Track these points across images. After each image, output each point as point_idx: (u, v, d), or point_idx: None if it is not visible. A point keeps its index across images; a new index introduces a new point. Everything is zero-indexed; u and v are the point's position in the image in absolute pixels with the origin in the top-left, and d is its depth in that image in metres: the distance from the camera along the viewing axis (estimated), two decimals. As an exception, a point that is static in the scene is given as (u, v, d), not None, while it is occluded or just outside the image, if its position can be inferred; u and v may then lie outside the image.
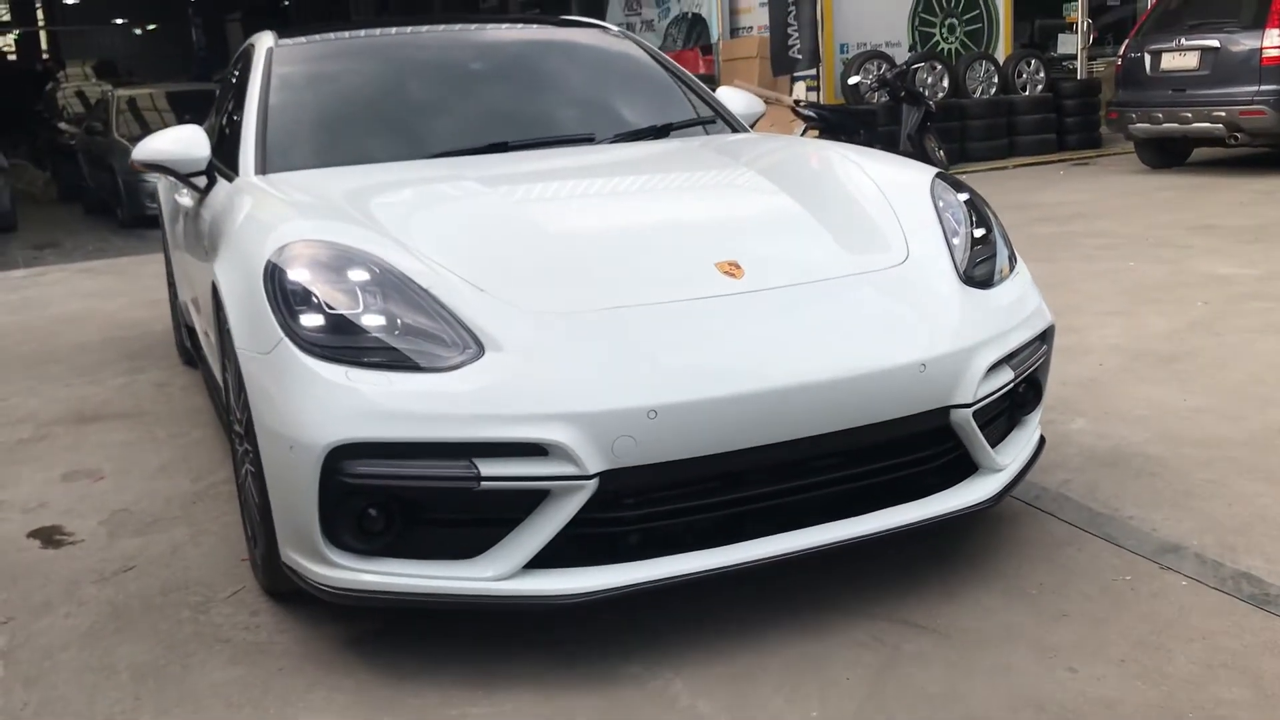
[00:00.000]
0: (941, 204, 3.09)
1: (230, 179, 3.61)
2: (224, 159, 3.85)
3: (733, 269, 2.69)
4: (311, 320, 2.55)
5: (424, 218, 3.02)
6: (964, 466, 2.81)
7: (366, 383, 2.43)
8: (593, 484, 2.38)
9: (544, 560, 2.46)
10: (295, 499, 2.50)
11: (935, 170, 3.32)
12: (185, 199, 4.33)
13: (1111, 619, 2.61)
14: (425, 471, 2.40)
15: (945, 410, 2.67)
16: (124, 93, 13.89)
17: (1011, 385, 2.82)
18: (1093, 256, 6.95)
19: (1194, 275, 6.17)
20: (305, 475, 2.44)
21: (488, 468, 2.37)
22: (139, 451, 4.31)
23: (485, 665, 2.57)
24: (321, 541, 2.49)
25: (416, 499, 2.46)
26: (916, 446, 2.72)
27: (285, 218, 2.96)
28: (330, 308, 2.56)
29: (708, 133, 4.08)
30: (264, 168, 3.55)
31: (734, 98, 4.33)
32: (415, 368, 2.45)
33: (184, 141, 3.70)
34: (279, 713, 2.46)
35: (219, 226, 3.31)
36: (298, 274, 2.62)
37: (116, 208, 12.40)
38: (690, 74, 4.49)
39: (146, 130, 13.11)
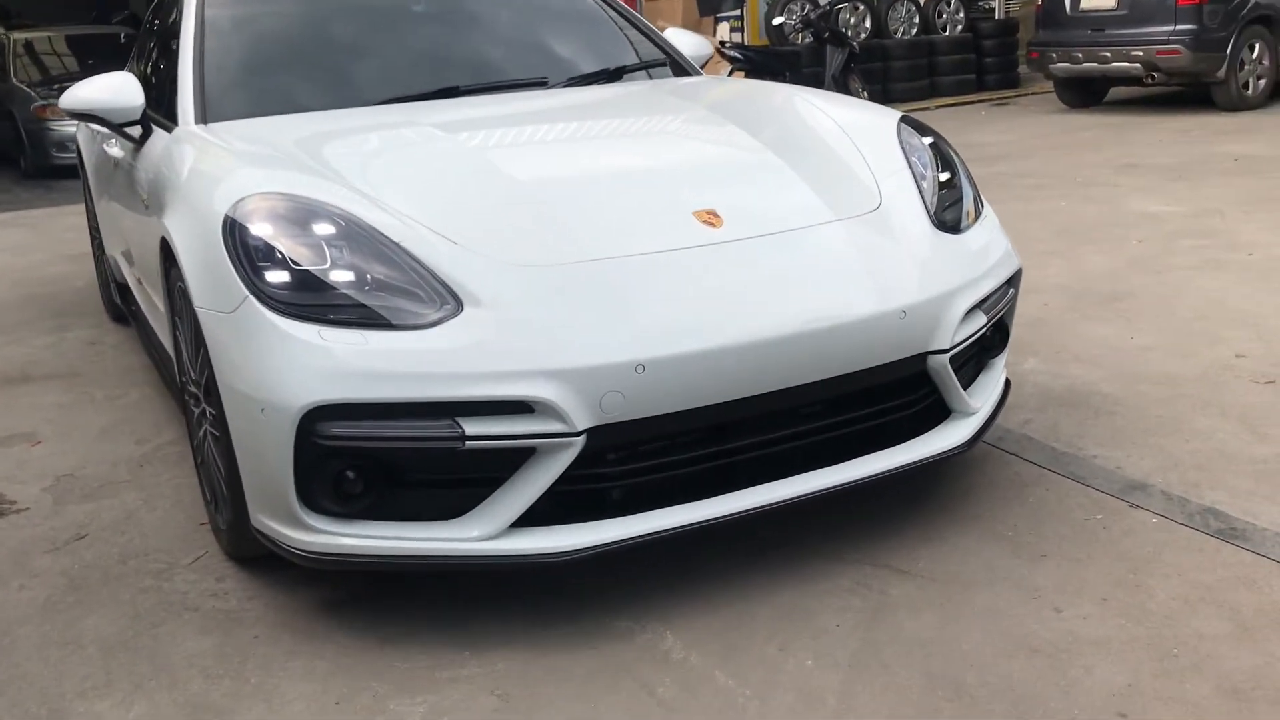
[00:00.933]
0: (908, 148, 3.07)
1: (169, 129, 3.45)
2: (157, 108, 3.68)
3: (711, 218, 2.64)
4: (277, 277, 2.45)
5: (385, 167, 2.92)
6: (937, 412, 2.82)
7: (341, 342, 2.34)
8: (580, 441, 2.33)
9: (528, 519, 2.41)
10: (267, 463, 2.42)
11: (899, 114, 3.29)
12: (115, 150, 4.15)
13: (1089, 558, 2.65)
14: (406, 432, 2.33)
15: (923, 356, 2.67)
16: (20, 36, 13.30)
17: (984, 330, 2.82)
18: (1024, 197, 7.02)
19: (1126, 214, 6.27)
20: (279, 439, 2.36)
21: (472, 427, 2.31)
22: (76, 414, 4.15)
23: (469, 626, 2.53)
24: (297, 506, 2.41)
25: (396, 460, 2.39)
26: (894, 393, 2.71)
27: (237, 169, 2.83)
28: (295, 264, 2.46)
29: (652, 77, 4.01)
30: (205, 116, 3.40)
31: (683, 39, 4.25)
32: (389, 325, 2.37)
33: (116, 89, 3.53)
34: (261, 682, 2.39)
35: (164, 179, 3.16)
36: (259, 229, 2.51)
37: (19, 157, 11.91)
38: (638, 15, 4.39)
39: (48, 76, 12.62)
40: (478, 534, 2.39)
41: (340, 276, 2.45)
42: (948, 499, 2.97)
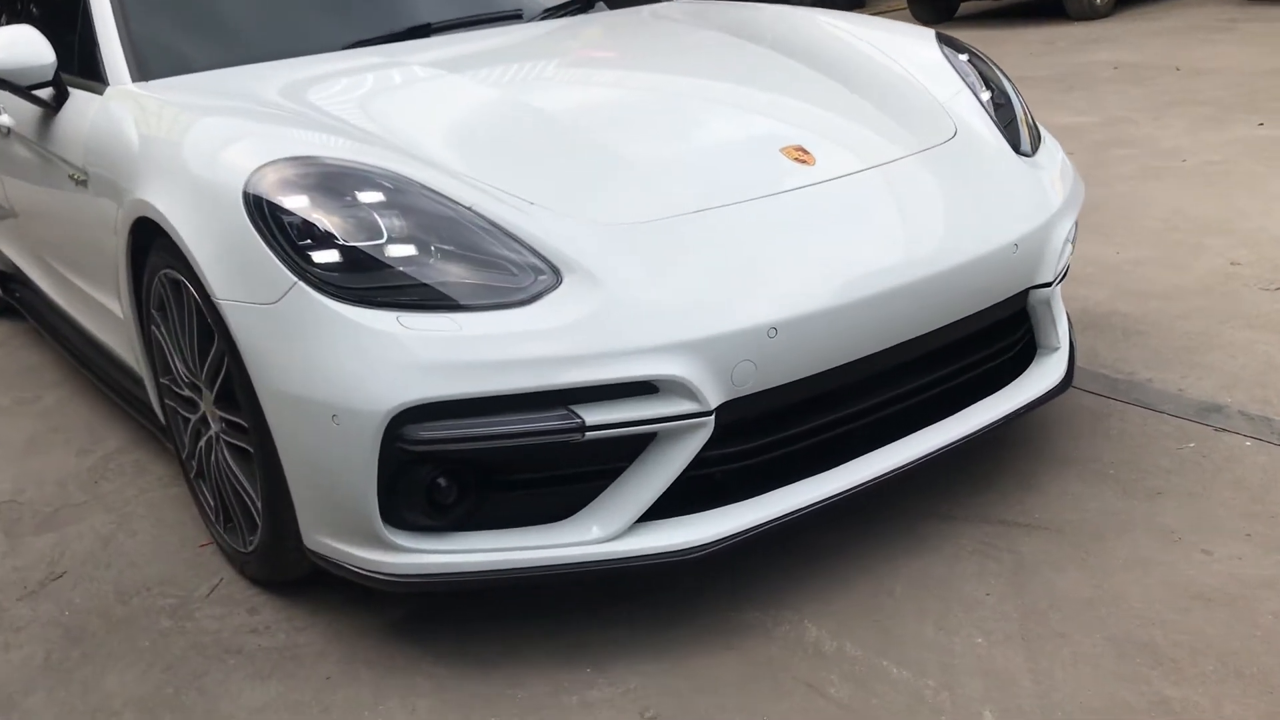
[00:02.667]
0: (957, 67, 2.85)
1: (96, 90, 2.94)
2: (66, 67, 3.15)
3: (802, 155, 2.36)
4: (325, 257, 2.07)
5: (409, 116, 2.51)
6: (1027, 354, 2.64)
7: (428, 329, 1.98)
8: (711, 420, 2.04)
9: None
10: (337, 477, 2.05)
11: (931, 31, 3.06)
12: (4, 117, 3.56)
13: (1205, 491, 2.52)
14: (516, 428, 1.99)
15: (1025, 293, 2.48)
16: None
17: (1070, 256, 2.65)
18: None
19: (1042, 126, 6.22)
20: (357, 449, 2.00)
21: (592, 415, 1.99)
22: (-11, 427, 3.61)
23: (573, 638, 2.23)
24: (379, 523, 2.06)
25: (499, 461, 2.06)
26: (994, 336, 2.51)
27: (244, 131, 2.39)
28: (342, 240, 2.07)
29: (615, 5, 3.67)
30: (142, 72, 2.91)
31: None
32: (466, 306, 2.01)
33: (20, 45, 2.98)
34: (360, 733, 2.05)
35: (114, 150, 2.68)
36: (293, 201, 2.11)
37: None
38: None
39: None
40: (599, 534, 2.08)
41: (399, 251, 2.07)
42: (1028, 442, 2.81)
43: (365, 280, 2.05)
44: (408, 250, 2.07)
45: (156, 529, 2.82)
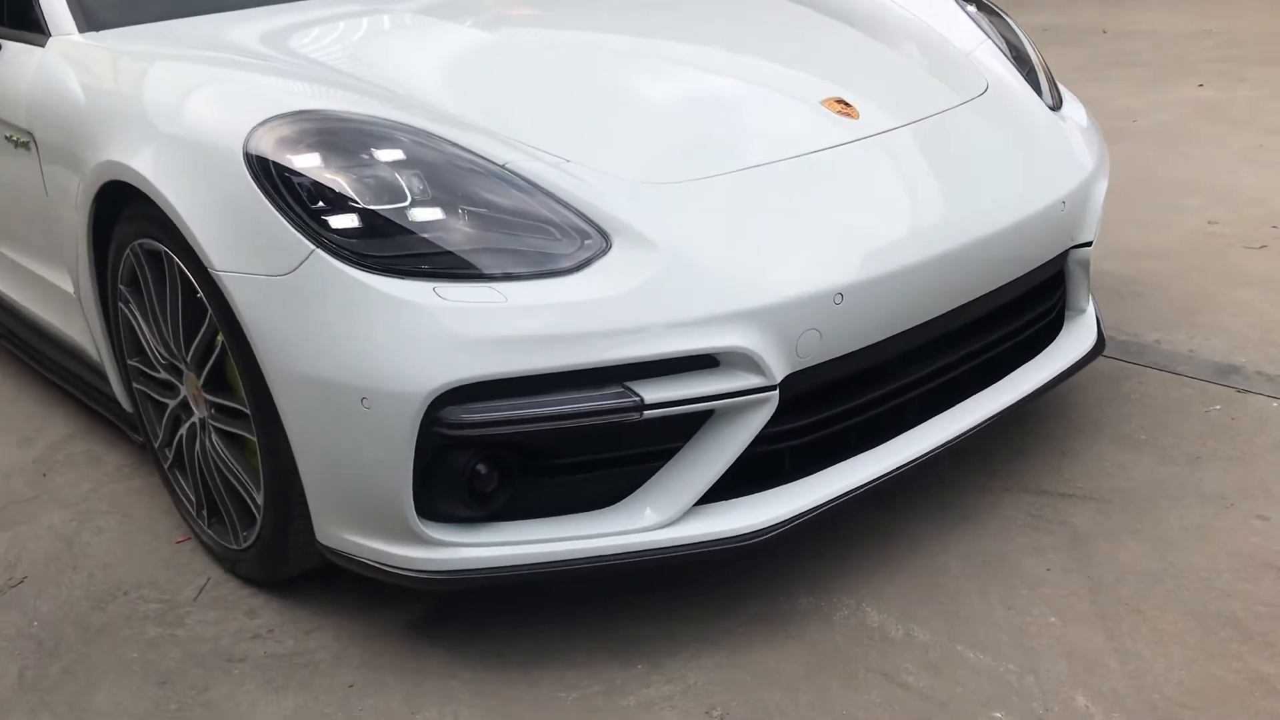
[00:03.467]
0: (974, 18, 2.73)
1: (36, 42, 2.65)
2: (-4, 15, 2.84)
3: (845, 108, 2.21)
4: (343, 222, 1.85)
5: (413, 65, 2.29)
6: (1058, 317, 2.54)
7: (469, 301, 1.78)
8: (775, 395, 1.89)
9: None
10: (365, 467, 1.85)
11: (937, -20, 2.92)
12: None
13: (1245, 455, 2.46)
14: (567, 408, 1.81)
15: (1065, 253, 2.37)
16: None
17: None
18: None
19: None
20: (391, 435, 1.80)
21: (650, 392, 1.82)
22: (-88, 417, 3.27)
23: (617, 633, 2.06)
24: (413, 516, 1.86)
25: (546, 444, 1.87)
26: (1034, 299, 2.40)
27: (228, 83, 2.15)
28: (360, 203, 1.86)
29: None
30: (89, 22, 2.62)
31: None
32: (513, 276, 1.82)
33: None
34: (399, 748, 1.86)
35: (66, 109, 2.39)
36: (302, 161, 1.89)
37: None
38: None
39: None
40: (653, 520, 1.91)
41: (425, 215, 1.87)
42: (1053, 406, 2.71)
43: (389, 248, 1.84)
44: (434, 214, 1.87)
45: (124, 525, 2.57)
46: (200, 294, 2.04)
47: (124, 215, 2.23)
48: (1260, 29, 7.11)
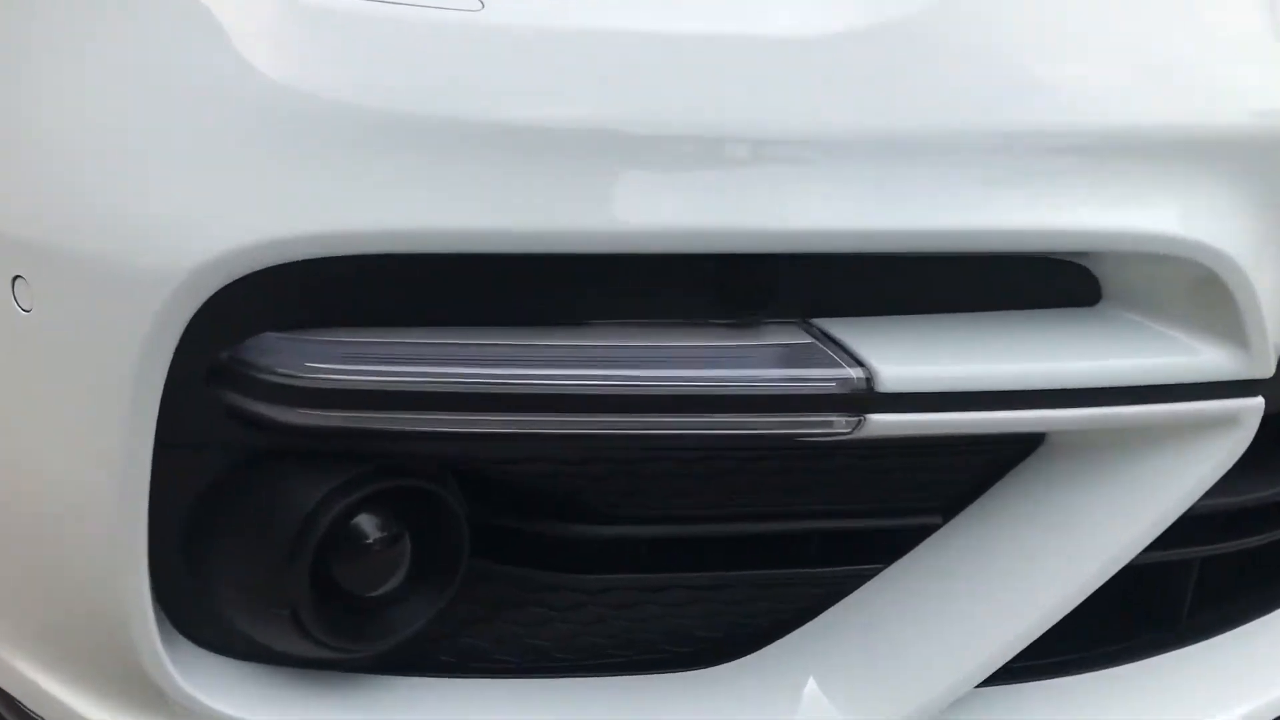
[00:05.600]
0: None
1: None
2: None
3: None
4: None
5: None
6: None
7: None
8: (1254, 408, 0.64)
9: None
10: (21, 488, 0.61)
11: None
12: None
13: None
14: (639, 378, 0.57)
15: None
16: None
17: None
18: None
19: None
20: (96, 398, 0.57)
21: (885, 361, 0.57)
22: None
23: None
24: (155, 638, 0.61)
25: (546, 477, 0.63)
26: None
27: None
28: None
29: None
30: None
31: None
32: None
33: None
34: None
35: None
36: None
37: None
38: None
39: None
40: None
41: None
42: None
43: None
44: None
45: None
46: None
47: None
48: None
